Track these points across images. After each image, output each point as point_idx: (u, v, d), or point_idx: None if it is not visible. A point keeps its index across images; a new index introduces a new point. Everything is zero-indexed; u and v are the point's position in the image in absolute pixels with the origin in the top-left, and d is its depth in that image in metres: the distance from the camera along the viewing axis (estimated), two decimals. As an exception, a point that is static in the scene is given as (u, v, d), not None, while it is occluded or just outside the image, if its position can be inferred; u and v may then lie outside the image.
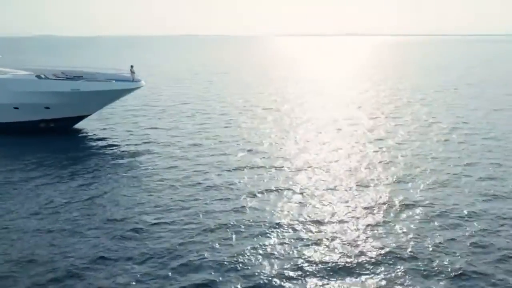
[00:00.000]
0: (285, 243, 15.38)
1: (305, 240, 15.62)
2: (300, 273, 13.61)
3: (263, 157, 25.57)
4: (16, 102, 30.86)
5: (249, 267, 13.88)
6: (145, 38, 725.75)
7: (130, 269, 13.73)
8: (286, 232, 16.24)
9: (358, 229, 16.45)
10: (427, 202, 18.97)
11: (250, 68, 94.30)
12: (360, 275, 13.54)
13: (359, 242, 15.45)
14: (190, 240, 15.46)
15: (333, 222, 17.04)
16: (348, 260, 14.31)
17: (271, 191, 20.28)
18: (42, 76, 32.36)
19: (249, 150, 27.14)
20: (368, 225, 16.77)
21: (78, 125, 33.70)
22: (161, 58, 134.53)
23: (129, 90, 32.40)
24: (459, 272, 13.58)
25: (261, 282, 13.17)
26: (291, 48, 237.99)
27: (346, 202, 19.03)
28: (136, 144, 28.71)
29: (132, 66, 32.14)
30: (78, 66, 40.93)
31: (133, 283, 13.08)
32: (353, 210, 18.12)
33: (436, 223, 16.96)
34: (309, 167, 23.80)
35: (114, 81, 32.05)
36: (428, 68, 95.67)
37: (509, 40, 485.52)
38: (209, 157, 25.77)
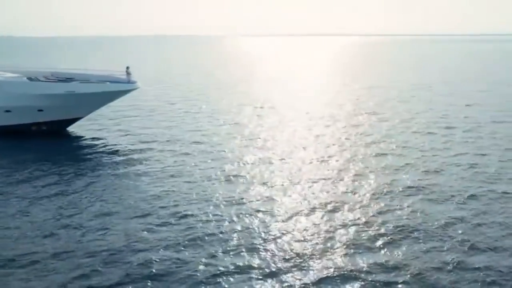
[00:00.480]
0: (309, 228, 16.56)
1: (324, 224, 16.85)
2: (327, 253, 14.82)
3: (264, 153, 26.64)
4: (8, 105, 30.57)
5: (282, 250, 14.98)
6: (113, 38, 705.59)
7: (170, 256, 14.47)
8: (308, 218, 17.49)
9: (370, 213, 17.84)
10: (426, 188, 20.62)
11: (226, 68, 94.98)
12: (378, 253, 14.82)
13: (373, 225, 16.82)
14: (220, 229, 16.36)
15: (346, 208, 18.37)
16: (367, 241, 15.60)
17: (285, 182, 21.52)
18: (34, 78, 32.12)
19: (246, 146, 28.25)
20: (378, 210, 18.19)
21: (69, 127, 33.62)
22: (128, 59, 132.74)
23: (124, 92, 32.51)
24: (468, 246, 15.15)
25: (296, 262, 14.29)
26: (265, 49, 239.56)
27: (353, 191, 20.38)
28: (136, 144, 29.09)
29: (128, 68, 32.31)
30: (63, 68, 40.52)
31: (173, 269, 13.83)
32: (361, 198, 19.50)
33: (439, 205, 18.61)
34: (310, 162, 25.01)
35: (108, 82, 32.16)
36: (407, 66, 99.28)
37: (495, 40, 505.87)
38: (215, 152, 26.70)
